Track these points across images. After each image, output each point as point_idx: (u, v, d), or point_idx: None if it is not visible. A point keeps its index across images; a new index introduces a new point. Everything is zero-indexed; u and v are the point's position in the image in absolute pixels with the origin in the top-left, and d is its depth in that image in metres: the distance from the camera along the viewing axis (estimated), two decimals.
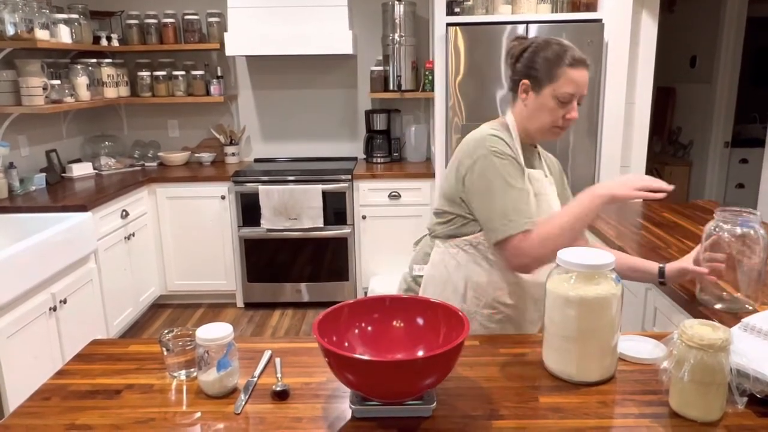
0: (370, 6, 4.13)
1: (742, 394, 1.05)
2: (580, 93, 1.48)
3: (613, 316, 1.16)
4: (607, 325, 1.16)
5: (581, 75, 1.46)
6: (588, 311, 1.14)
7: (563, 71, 1.45)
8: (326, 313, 1.16)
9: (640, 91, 3.66)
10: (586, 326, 1.15)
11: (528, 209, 1.43)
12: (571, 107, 1.47)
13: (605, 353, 1.18)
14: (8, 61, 3.23)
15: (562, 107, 1.47)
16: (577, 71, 1.46)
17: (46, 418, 1.11)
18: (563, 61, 1.46)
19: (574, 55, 1.47)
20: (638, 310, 2.00)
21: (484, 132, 1.49)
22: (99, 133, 4.30)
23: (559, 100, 1.46)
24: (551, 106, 1.47)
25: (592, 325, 1.15)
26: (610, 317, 1.15)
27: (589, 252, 1.20)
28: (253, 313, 3.90)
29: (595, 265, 1.14)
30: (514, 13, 3.52)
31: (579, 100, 1.49)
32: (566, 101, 1.46)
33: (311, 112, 4.35)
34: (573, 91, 1.46)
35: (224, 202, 3.79)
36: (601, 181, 3.62)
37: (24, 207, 2.98)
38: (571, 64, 1.46)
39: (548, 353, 1.24)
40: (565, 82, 1.45)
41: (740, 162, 5.52)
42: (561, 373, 1.20)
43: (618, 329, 1.19)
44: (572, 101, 1.47)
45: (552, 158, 1.70)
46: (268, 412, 1.11)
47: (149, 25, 3.99)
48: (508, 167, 1.44)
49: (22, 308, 2.37)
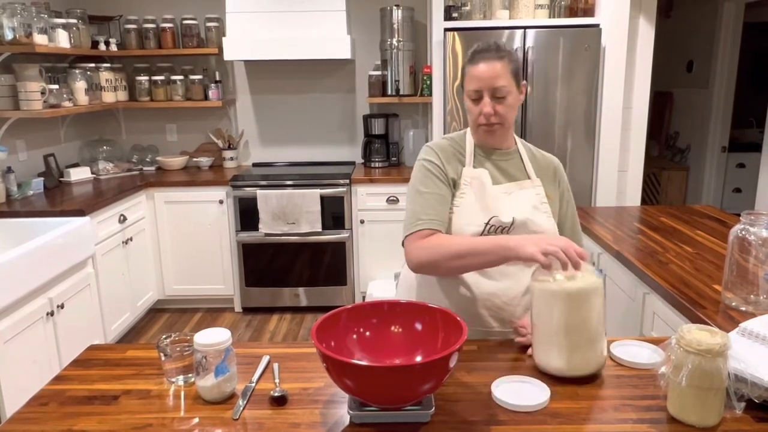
0: (369, 11, 4.14)
1: (740, 399, 1.05)
2: (487, 86, 1.43)
3: (598, 307, 1.19)
4: (592, 316, 1.18)
5: (481, 69, 1.43)
6: (573, 304, 1.17)
7: (467, 69, 1.47)
8: (324, 318, 1.16)
9: (638, 95, 3.67)
10: (572, 319, 1.18)
11: (428, 212, 1.44)
12: (483, 102, 1.45)
13: (593, 345, 1.20)
14: (6, 66, 3.23)
15: (476, 105, 1.47)
16: (476, 66, 1.44)
17: (43, 424, 1.10)
18: (467, 60, 1.48)
19: (475, 52, 1.46)
20: (636, 315, 2.00)
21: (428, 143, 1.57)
22: (97, 137, 4.30)
23: (470, 98, 1.47)
24: (469, 106, 1.49)
25: (579, 318, 1.18)
26: (594, 308, 1.18)
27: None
28: (251, 317, 3.89)
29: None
30: (511, 18, 3.53)
31: (494, 93, 1.44)
32: (475, 98, 1.46)
33: (309, 116, 4.36)
34: (476, 86, 1.44)
35: (222, 206, 3.78)
36: (599, 185, 3.63)
37: (22, 212, 2.97)
38: (470, 60, 1.46)
39: (538, 349, 1.25)
40: (469, 79, 1.46)
41: (737, 166, 5.54)
42: (551, 368, 1.22)
43: (603, 320, 1.21)
44: (482, 97, 1.45)
45: (548, 159, 1.62)
46: (266, 417, 1.11)
47: (148, 30, 3.99)
48: (425, 174, 1.49)
49: (19, 313, 2.36)
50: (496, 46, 1.46)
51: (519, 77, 1.48)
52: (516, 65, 1.46)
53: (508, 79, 1.44)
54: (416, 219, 1.44)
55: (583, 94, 3.49)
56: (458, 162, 1.53)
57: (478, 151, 1.54)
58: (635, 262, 1.97)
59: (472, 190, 1.48)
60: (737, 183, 5.56)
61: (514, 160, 1.56)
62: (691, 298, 1.64)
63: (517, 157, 1.57)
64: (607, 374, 1.24)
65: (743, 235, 1.47)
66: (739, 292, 1.52)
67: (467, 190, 1.49)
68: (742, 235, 1.47)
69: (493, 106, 1.44)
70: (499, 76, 1.42)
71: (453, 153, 1.53)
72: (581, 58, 3.44)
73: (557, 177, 1.60)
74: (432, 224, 1.42)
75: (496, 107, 1.45)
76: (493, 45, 1.46)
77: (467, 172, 1.50)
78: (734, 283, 1.53)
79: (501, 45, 1.48)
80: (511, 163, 1.55)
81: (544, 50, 3.43)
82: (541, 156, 1.61)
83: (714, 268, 1.88)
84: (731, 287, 1.55)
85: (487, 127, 1.48)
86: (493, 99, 1.44)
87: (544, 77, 3.46)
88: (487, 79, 1.42)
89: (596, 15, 3.55)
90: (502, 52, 1.45)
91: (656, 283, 1.79)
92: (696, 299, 1.63)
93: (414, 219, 1.44)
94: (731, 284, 1.54)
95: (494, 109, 1.45)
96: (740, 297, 1.52)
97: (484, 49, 1.45)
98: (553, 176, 1.59)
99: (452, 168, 1.51)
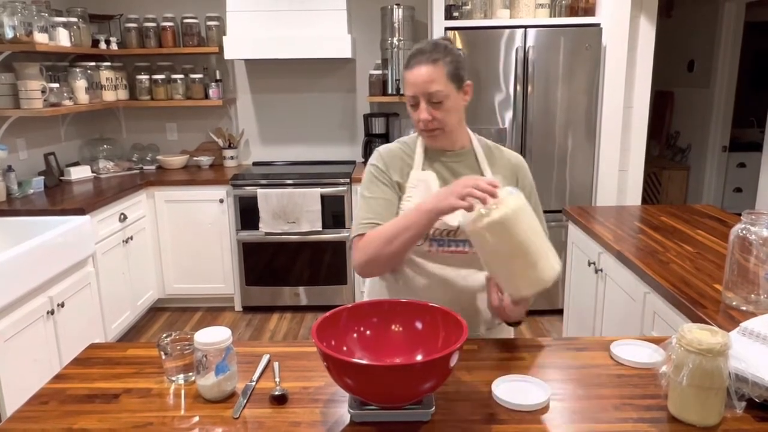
0: (369, 10, 4.14)
1: (740, 399, 1.05)
2: (421, 92, 1.39)
3: (528, 221, 1.21)
4: (528, 232, 1.20)
5: (415, 74, 1.38)
6: (505, 229, 1.18)
7: (404, 75, 1.43)
8: (325, 317, 1.16)
9: (638, 95, 3.66)
10: (512, 242, 1.19)
11: (370, 216, 1.43)
12: (420, 108, 1.41)
13: (544, 255, 1.23)
14: (7, 65, 3.23)
15: (415, 110, 1.43)
16: (410, 71, 1.40)
17: (44, 423, 1.10)
18: (405, 66, 1.43)
19: (411, 56, 1.41)
20: (637, 314, 2.00)
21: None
22: (97, 136, 4.30)
23: (409, 103, 1.44)
24: (409, 110, 1.46)
25: (517, 239, 1.19)
26: (525, 224, 1.20)
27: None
28: (251, 316, 3.89)
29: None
30: (512, 17, 3.53)
31: (429, 98, 1.39)
32: (413, 104, 1.43)
33: (310, 115, 4.36)
34: (411, 92, 1.40)
35: (223, 205, 3.78)
36: (600, 185, 3.63)
37: (22, 210, 2.97)
38: (406, 66, 1.42)
39: (506, 286, 1.29)
40: (406, 85, 1.42)
41: (738, 166, 5.53)
42: (523, 295, 1.27)
43: (541, 231, 1.25)
44: (420, 103, 1.40)
45: (508, 158, 1.55)
46: (266, 416, 1.11)
47: (148, 29, 3.99)
48: (369, 180, 1.49)
49: (19, 312, 2.36)
50: (432, 47, 1.39)
51: (459, 78, 1.41)
52: (455, 66, 1.39)
53: (444, 82, 1.38)
54: (358, 224, 1.44)
55: (584, 93, 3.49)
56: (407, 165, 1.50)
57: (428, 154, 1.51)
58: (636, 262, 1.97)
59: (418, 193, 1.45)
60: (738, 183, 5.56)
61: (468, 161, 1.51)
62: (691, 297, 1.64)
63: (470, 157, 1.52)
64: (607, 373, 1.24)
65: (744, 234, 1.47)
66: (740, 292, 1.52)
67: (413, 193, 1.46)
68: (742, 234, 1.48)
69: (430, 112, 1.40)
70: (432, 81, 1.37)
71: (401, 157, 1.51)
72: (582, 57, 3.44)
73: (518, 176, 1.54)
74: (372, 228, 1.41)
75: (434, 113, 1.40)
76: (428, 47, 1.40)
77: (414, 175, 1.48)
78: (735, 282, 1.53)
79: (438, 45, 1.40)
80: (464, 164, 1.50)
81: (545, 49, 3.42)
82: (500, 155, 1.55)
83: (714, 267, 1.88)
84: (732, 287, 1.55)
85: (427, 133, 1.45)
86: (430, 104, 1.40)
87: (544, 76, 3.46)
88: (421, 84, 1.38)
89: (597, 14, 3.54)
90: (437, 54, 1.38)
91: (657, 282, 1.79)
92: (696, 299, 1.62)
93: (357, 224, 1.45)
94: (732, 284, 1.54)
95: (432, 115, 1.40)
96: (741, 296, 1.52)
97: (419, 52, 1.39)
98: (512, 175, 1.53)
99: (398, 172, 1.49)
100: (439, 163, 1.50)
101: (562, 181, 3.60)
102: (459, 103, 1.44)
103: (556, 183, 3.61)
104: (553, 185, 3.61)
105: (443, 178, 1.48)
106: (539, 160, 3.57)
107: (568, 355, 1.33)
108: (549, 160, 3.57)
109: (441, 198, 1.26)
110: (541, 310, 3.78)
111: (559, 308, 3.65)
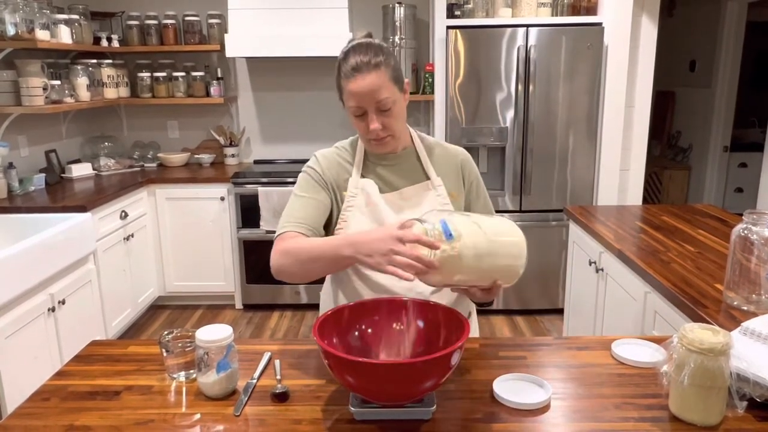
0: (371, 8, 4.14)
1: (742, 399, 1.05)
2: (368, 103, 1.30)
3: (476, 237, 1.13)
4: (475, 257, 1.12)
5: (360, 84, 1.28)
6: (453, 264, 1.11)
7: (343, 85, 1.32)
8: (326, 314, 1.16)
9: (640, 94, 3.66)
10: (466, 271, 1.14)
11: (298, 215, 1.37)
12: (369, 119, 1.32)
13: (506, 248, 1.18)
14: (8, 62, 3.23)
15: (362, 120, 1.34)
16: (353, 82, 1.29)
17: (45, 419, 1.10)
18: (341, 75, 1.32)
19: (348, 64, 1.29)
20: (638, 313, 2.00)
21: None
22: (99, 133, 4.30)
23: (353, 114, 1.34)
24: (353, 120, 1.36)
25: (468, 269, 1.13)
26: (473, 252, 1.11)
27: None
28: (251, 314, 3.89)
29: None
30: (514, 16, 3.53)
31: (378, 107, 1.30)
32: (357, 114, 1.33)
33: (311, 114, 4.35)
34: (356, 104, 1.31)
35: (223, 203, 3.78)
36: (601, 184, 3.62)
37: (23, 207, 2.97)
38: (346, 76, 1.30)
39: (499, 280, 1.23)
40: (347, 96, 1.31)
41: (739, 166, 5.53)
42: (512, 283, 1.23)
43: (488, 240, 1.15)
44: (366, 113, 1.32)
45: (450, 153, 1.49)
46: (268, 414, 1.11)
47: (149, 26, 3.99)
48: (304, 179, 1.43)
49: (20, 309, 2.37)
50: (368, 50, 1.29)
51: (400, 79, 1.34)
52: (394, 67, 1.32)
53: (390, 87, 1.30)
54: (285, 221, 1.38)
55: (586, 92, 3.49)
56: (345, 171, 1.44)
57: (368, 158, 1.45)
58: (637, 261, 1.97)
59: (357, 202, 1.40)
60: (739, 183, 5.56)
61: (410, 162, 1.45)
62: (692, 297, 1.64)
63: (413, 157, 1.45)
64: (608, 372, 1.24)
65: (745, 234, 1.47)
66: (741, 292, 1.52)
67: (353, 202, 1.40)
68: (744, 234, 1.48)
69: (381, 121, 1.32)
70: (379, 89, 1.28)
71: (338, 162, 1.45)
72: (583, 56, 3.43)
73: (462, 171, 1.48)
74: (299, 227, 1.35)
75: (384, 121, 1.32)
76: (366, 52, 1.29)
77: (352, 182, 1.42)
78: (736, 282, 1.53)
79: (372, 47, 1.31)
80: (406, 165, 1.44)
81: (547, 48, 3.42)
82: (442, 151, 1.49)
83: (716, 267, 1.88)
84: (733, 286, 1.55)
85: (376, 142, 1.37)
86: (379, 113, 1.31)
87: (546, 76, 3.46)
88: (368, 94, 1.28)
89: (599, 13, 3.54)
90: (378, 58, 1.28)
91: (658, 282, 1.79)
92: (698, 298, 1.62)
93: (283, 221, 1.38)
94: (733, 283, 1.54)
95: (382, 124, 1.32)
96: (742, 296, 1.52)
97: (357, 64, 1.28)
98: (457, 171, 1.47)
99: (335, 177, 1.43)
100: (380, 167, 1.44)
101: (563, 181, 3.60)
102: (403, 105, 1.37)
103: (557, 182, 3.61)
104: (554, 184, 3.61)
105: (387, 182, 1.43)
106: (540, 159, 3.57)
107: (569, 354, 1.33)
108: (550, 159, 3.57)
109: (365, 251, 1.14)
110: (541, 310, 3.78)
111: (559, 307, 3.66)
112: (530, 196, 3.62)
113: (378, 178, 1.44)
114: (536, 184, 3.61)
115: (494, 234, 1.17)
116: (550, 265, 3.70)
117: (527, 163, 3.58)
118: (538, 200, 3.64)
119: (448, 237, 1.09)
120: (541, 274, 3.69)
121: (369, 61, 1.28)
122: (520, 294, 3.74)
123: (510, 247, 1.19)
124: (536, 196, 3.63)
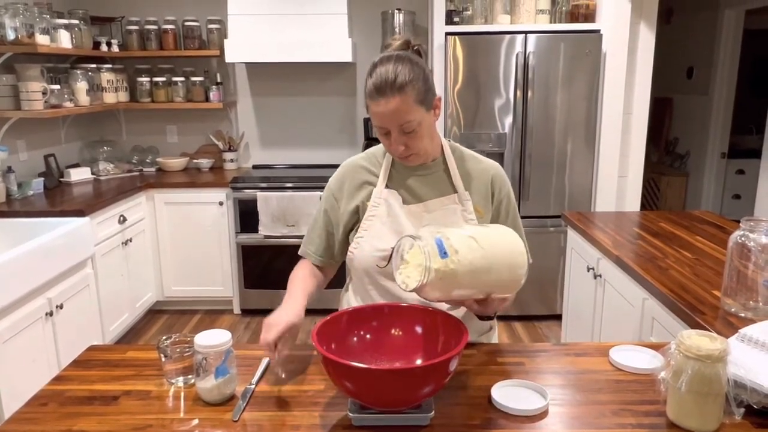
0: (370, 14, 4.15)
1: (739, 405, 1.06)
2: (392, 124, 1.27)
3: (471, 257, 1.12)
4: (473, 273, 1.13)
5: (382, 107, 1.25)
6: (451, 280, 1.11)
7: (368, 103, 1.29)
8: (325, 320, 1.17)
9: (638, 101, 3.68)
10: (466, 285, 1.15)
11: (314, 241, 1.52)
12: (392, 139, 1.30)
13: (507, 265, 1.18)
14: (8, 66, 3.24)
15: (387, 138, 1.32)
16: (375, 103, 1.26)
17: (43, 424, 1.10)
18: (366, 92, 1.30)
19: (371, 85, 1.27)
20: (636, 320, 2.01)
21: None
22: (98, 138, 4.30)
23: (378, 132, 1.33)
24: (378, 136, 1.34)
25: (479, 267, 1.13)
26: (470, 258, 1.12)
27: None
28: (249, 319, 3.89)
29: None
30: (512, 23, 3.55)
31: (402, 129, 1.27)
32: (382, 133, 1.31)
33: (310, 119, 4.36)
34: (380, 124, 1.29)
35: (222, 208, 3.79)
36: (599, 190, 3.63)
37: (22, 211, 2.97)
38: (369, 96, 1.28)
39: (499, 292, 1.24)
40: (372, 114, 1.29)
41: (737, 173, 5.55)
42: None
43: (490, 257, 1.15)
44: (390, 132, 1.29)
45: (482, 167, 1.45)
46: (266, 419, 1.11)
47: (149, 31, 4.00)
48: (324, 198, 1.50)
49: (18, 313, 2.36)
50: (396, 65, 1.25)
51: (428, 99, 1.29)
52: (422, 84, 1.27)
53: (414, 110, 1.26)
54: (305, 242, 1.54)
55: (584, 99, 3.50)
56: (369, 184, 1.43)
57: (400, 167, 1.42)
58: (635, 268, 1.97)
59: (379, 212, 1.39)
60: (736, 189, 5.57)
61: (438, 173, 1.42)
62: (690, 303, 1.64)
63: (440, 169, 1.42)
64: (606, 379, 1.24)
65: (743, 241, 1.48)
66: (739, 298, 1.52)
67: (375, 212, 1.40)
68: (741, 241, 1.48)
69: (403, 143, 1.30)
70: (402, 112, 1.25)
71: (363, 174, 1.45)
72: (582, 63, 3.45)
73: (492, 186, 1.44)
74: (309, 257, 1.53)
75: (407, 142, 1.30)
76: (392, 66, 1.25)
77: (376, 192, 1.41)
78: (733, 289, 1.54)
79: (401, 62, 1.26)
80: (434, 177, 1.42)
81: (545, 55, 3.44)
82: (474, 164, 1.45)
83: (713, 274, 1.88)
84: (730, 293, 1.55)
85: (404, 159, 1.36)
86: (402, 134, 1.29)
87: (544, 82, 3.47)
88: (390, 116, 1.26)
89: (597, 20, 3.56)
90: (401, 78, 1.24)
91: (656, 288, 1.80)
92: (695, 305, 1.63)
93: (305, 240, 1.54)
94: (730, 290, 1.55)
95: (405, 145, 1.30)
96: (739, 303, 1.52)
97: (379, 85, 1.25)
98: (486, 186, 1.43)
99: (355, 194, 1.43)
100: (411, 177, 1.42)
101: (562, 187, 3.61)
102: (431, 122, 1.34)
103: (555, 188, 3.62)
104: (553, 190, 3.62)
105: (413, 192, 1.41)
106: (539, 165, 3.58)
107: (566, 361, 1.33)
108: (548, 165, 3.58)
109: (265, 330, 1.27)
110: (539, 316, 3.78)
111: (557, 313, 3.66)
112: (528, 201, 3.63)
113: (406, 188, 1.42)
114: (534, 190, 3.62)
115: (492, 248, 1.16)
116: (549, 271, 3.70)
117: (525, 169, 3.59)
118: (536, 206, 3.64)
119: (442, 255, 1.09)
120: (539, 280, 3.69)
121: (393, 83, 1.24)
122: (518, 300, 3.72)
123: (509, 260, 1.19)
124: (534, 202, 3.64)
